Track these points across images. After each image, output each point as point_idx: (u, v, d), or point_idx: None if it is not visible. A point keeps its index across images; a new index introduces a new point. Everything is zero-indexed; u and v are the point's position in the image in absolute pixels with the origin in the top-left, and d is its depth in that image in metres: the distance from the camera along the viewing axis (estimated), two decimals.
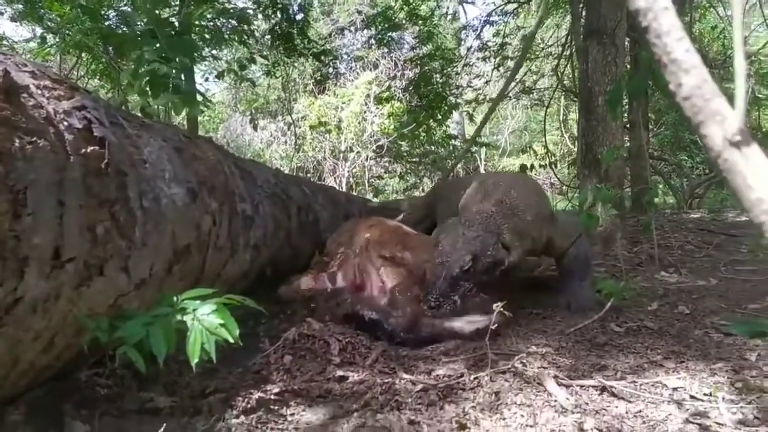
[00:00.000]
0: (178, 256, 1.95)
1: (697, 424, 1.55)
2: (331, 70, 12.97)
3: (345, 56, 13.77)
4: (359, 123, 12.09)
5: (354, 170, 12.36)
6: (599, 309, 2.51)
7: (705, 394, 1.74)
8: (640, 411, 1.64)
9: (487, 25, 8.79)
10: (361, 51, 13.28)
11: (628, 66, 5.68)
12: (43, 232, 1.29)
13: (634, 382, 1.82)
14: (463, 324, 2.25)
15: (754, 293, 2.96)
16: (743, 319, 2.49)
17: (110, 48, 4.80)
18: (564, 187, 8.89)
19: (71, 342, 1.51)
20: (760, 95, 8.32)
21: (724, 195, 7.94)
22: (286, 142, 14.02)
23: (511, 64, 8.67)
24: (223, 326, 1.54)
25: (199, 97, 3.08)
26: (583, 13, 4.92)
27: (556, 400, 1.67)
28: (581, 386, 1.79)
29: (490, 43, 8.44)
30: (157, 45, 2.72)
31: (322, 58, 6.41)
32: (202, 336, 1.51)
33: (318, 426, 1.56)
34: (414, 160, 12.84)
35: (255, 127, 10.37)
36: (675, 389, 1.78)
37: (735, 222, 5.93)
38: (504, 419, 1.58)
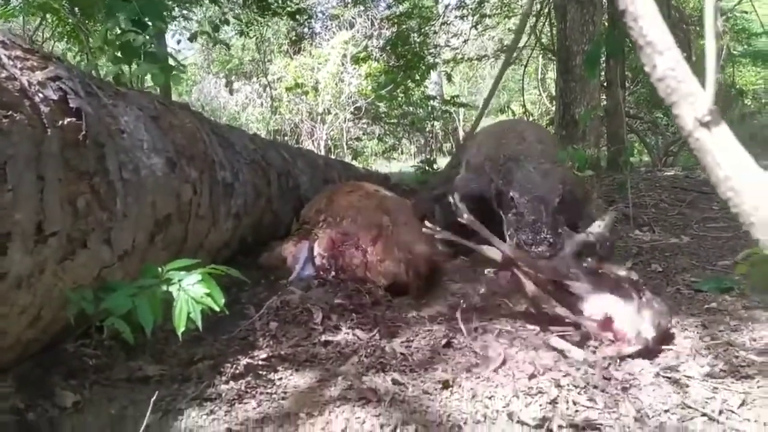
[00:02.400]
0: (159, 226, 1.95)
1: (666, 377, 1.63)
2: (306, 29, 12.72)
3: (320, 15, 13.49)
4: (336, 84, 11.94)
5: (332, 132, 12.26)
6: None
7: (674, 350, 1.82)
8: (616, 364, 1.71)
9: None
10: (336, 9, 13.01)
11: (606, 25, 5.66)
12: (24, 208, 1.28)
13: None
14: None
15: (724, 250, 3.06)
16: (713, 276, 2.58)
17: (76, 9, 4.62)
18: None
19: (57, 315, 1.51)
20: (734, 52, 8.36)
21: None
22: (261, 104, 13.79)
23: (488, 22, 8.59)
24: (208, 295, 1.56)
25: (172, 62, 3.01)
26: None
27: (533, 359, 1.74)
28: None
29: (467, 1, 8.32)
30: (127, 8, 2.63)
31: (297, 17, 6.26)
32: (188, 305, 1.53)
33: (306, 389, 1.60)
34: (392, 121, 12.77)
35: (231, 92, 10.15)
36: None
37: (707, 179, 6.04)
38: (487, 379, 1.64)
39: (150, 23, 2.73)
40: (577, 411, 1.45)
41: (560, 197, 2.32)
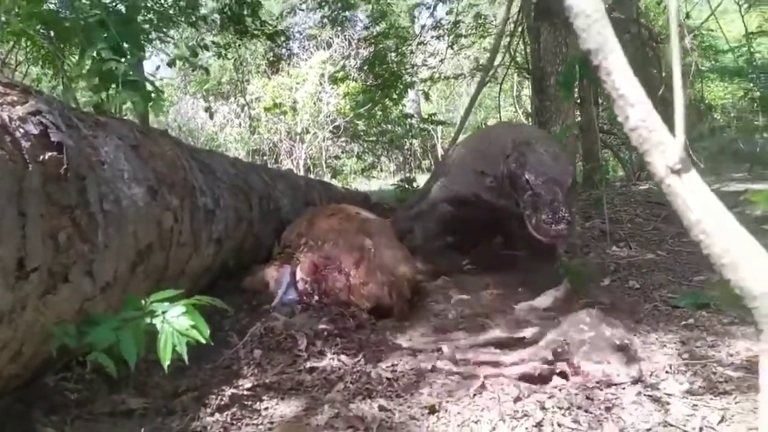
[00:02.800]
0: (141, 256, 1.94)
1: (648, 396, 1.67)
2: (284, 50, 12.76)
3: (297, 35, 13.56)
4: (314, 104, 11.98)
5: (311, 151, 12.28)
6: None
7: (655, 367, 1.86)
8: (599, 384, 1.74)
9: (441, 3, 8.79)
10: (313, 30, 13.10)
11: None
12: (6, 244, 1.27)
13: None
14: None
15: (700, 266, 3.13)
16: (689, 291, 2.64)
17: (52, 34, 4.59)
18: None
19: (39, 350, 1.49)
20: (702, 68, 8.61)
21: None
22: (240, 124, 13.77)
23: (464, 41, 8.73)
24: (193, 327, 1.56)
25: (150, 88, 3.01)
26: None
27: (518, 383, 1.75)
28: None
29: (443, 21, 8.46)
30: (105, 36, 2.63)
31: (275, 38, 6.30)
32: (172, 338, 1.52)
33: (292, 418, 1.60)
34: (371, 139, 12.84)
35: (211, 116, 10.13)
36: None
37: None
38: (472, 402, 1.65)
39: (129, 51, 2.74)
40: None
41: (572, 179, 2.43)
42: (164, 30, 5.63)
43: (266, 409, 1.67)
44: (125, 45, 2.71)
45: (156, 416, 1.62)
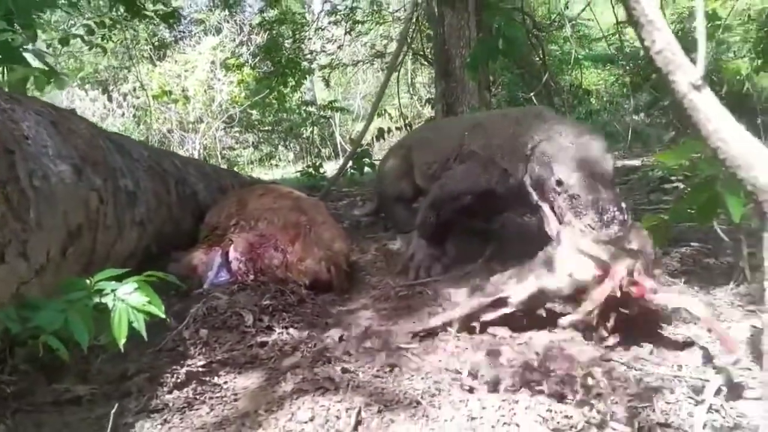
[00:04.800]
0: (72, 238, 1.82)
1: None
2: (167, 34, 12.11)
3: (182, 20, 12.91)
4: (205, 92, 11.51)
5: (205, 142, 11.81)
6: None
7: None
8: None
9: None
10: (201, 14, 12.57)
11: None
12: None
13: None
14: None
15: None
16: None
17: None
18: None
19: None
20: (579, 56, 9.33)
21: None
22: (123, 114, 12.92)
23: (361, 28, 8.80)
24: (149, 303, 1.50)
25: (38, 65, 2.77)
26: None
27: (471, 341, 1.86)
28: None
29: (340, 7, 8.47)
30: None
31: (171, 21, 5.98)
32: (128, 315, 1.45)
33: (257, 389, 1.59)
34: (267, 128, 12.57)
35: (109, 98, 9.41)
36: None
37: None
38: (436, 356, 1.73)
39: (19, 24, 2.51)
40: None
41: (614, 166, 2.01)
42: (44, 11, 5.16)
43: (225, 383, 1.64)
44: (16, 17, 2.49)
45: (108, 401, 1.54)
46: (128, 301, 1.47)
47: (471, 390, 1.49)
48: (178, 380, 1.63)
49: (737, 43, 7.61)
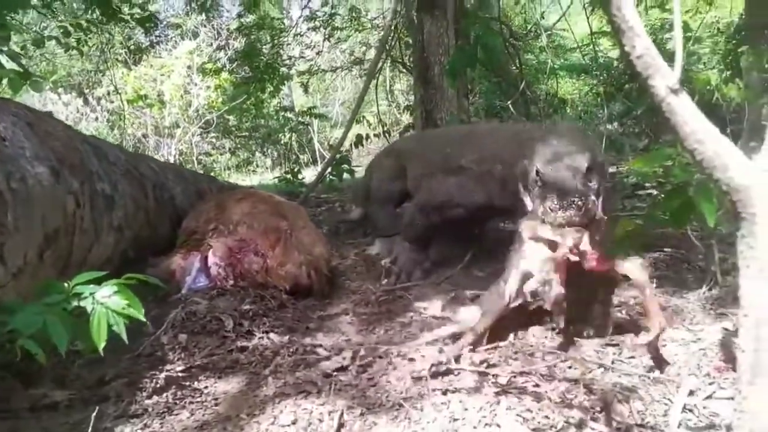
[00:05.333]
0: (49, 241, 1.79)
1: None
2: (143, 38, 11.98)
3: (159, 23, 12.79)
4: (182, 96, 11.40)
5: (181, 147, 11.68)
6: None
7: None
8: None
9: None
10: (177, 18, 12.46)
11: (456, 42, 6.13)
12: None
13: None
14: None
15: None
16: None
17: None
18: None
19: None
20: (555, 66, 9.48)
21: None
22: (97, 118, 12.73)
23: (340, 35, 8.82)
24: (129, 306, 1.48)
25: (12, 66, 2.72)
26: None
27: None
28: None
29: (319, 13, 8.48)
30: None
31: (147, 25, 5.92)
32: (108, 318, 1.43)
33: (238, 393, 1.58)
34: (244, 134, 12.49)
35: (85, 101, 9.24)
36: None
37: None
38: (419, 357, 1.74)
39: None
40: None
41: (590, 162, 2.09)
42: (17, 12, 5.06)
43: (206, 387, 1.64)
44: None
45: (86, 406, 1.52)
46: (108, 304, 1.45)
47: (453, 391, 1.51)
48: (158, 385, 1.62)
49: (707, 54, 7.83)
